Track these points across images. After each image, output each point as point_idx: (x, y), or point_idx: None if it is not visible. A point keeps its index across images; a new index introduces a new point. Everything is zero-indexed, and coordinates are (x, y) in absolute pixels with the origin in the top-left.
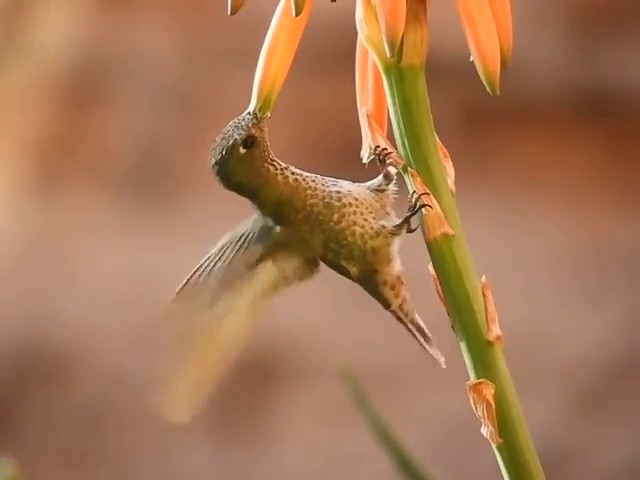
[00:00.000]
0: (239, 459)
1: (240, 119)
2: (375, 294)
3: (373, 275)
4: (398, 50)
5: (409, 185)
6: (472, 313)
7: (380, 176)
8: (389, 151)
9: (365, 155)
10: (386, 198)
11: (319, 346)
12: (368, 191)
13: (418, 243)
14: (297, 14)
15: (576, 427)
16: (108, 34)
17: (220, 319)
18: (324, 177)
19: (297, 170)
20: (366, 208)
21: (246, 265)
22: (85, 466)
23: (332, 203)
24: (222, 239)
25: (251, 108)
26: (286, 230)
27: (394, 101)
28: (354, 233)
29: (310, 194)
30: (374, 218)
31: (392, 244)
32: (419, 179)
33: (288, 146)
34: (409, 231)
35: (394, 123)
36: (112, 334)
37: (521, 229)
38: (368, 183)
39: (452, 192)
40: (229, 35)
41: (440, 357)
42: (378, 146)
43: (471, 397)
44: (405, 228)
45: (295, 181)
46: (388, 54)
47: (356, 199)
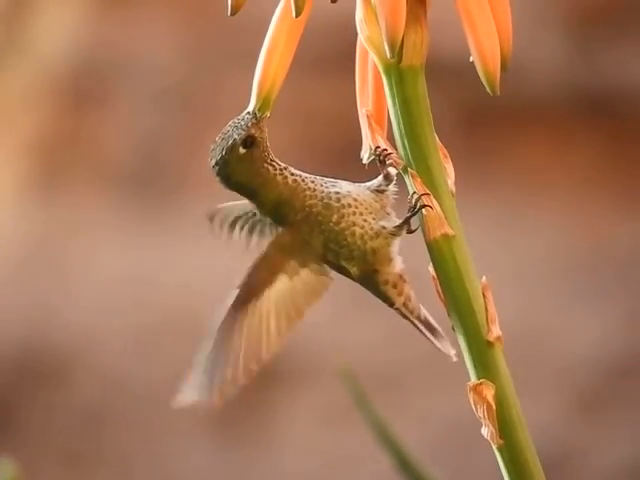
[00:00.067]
0: (239, 459)
1: (240, 119)
2: (378, 293)
3: (374, 275)
4: (398, 51)
5: (409, 186)
6: (472, 314)
7: (380, 177)
8: (389, 152)
9: (365, 155)
10: (386, 199)
11: (319, 346)
12: (368, 192)
13: (418, 244)
14: (297, 15)
15: (575, 427)
16: (108, 34)
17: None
18: (324, 178)
19: (296, 171)
20: (366, 209)
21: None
22: (85, 466)
23: (331, 204)
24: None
25: (251, 108)
26: (286, 230)
27: (394, 101)
28: (354, 234)
29: (309, 195)
30: (374, 219)
31: (392, 244)
32: (419, 180)
33: (288, 146)
34: (409, 232)
35: (394, 124)
36: (111, 336)
37: (520, 230)
38: (368, 184)
39: (452, 193)
40: (229, 35)
41: (451, 351)
42: (378, 146)
43: (471, 398)
44: (405, 229)
45: (294, 182)
46: (388, 55)
47: (355, 200)
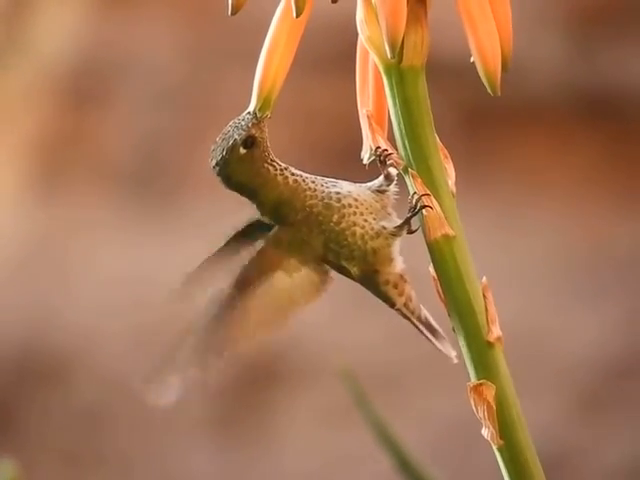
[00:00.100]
0: (239, 459)
1: (240, 119)
2: (378, 294)
3: (374, 275)
4: (399, 51)
5: (410, 186)
6: (473, 314)
7: (381, 177)
8: (390, 152)
9: (366, 156)
10: (387, 199)
11: (319, 346)
12: (369, 192)
13: (419, 244)
14: (298, 15)
15: (575, 427)
16: (109, 34)
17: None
18: (324, 178)
19: (297, 171)
20: (366, 209)
21: (257, 266)
22: (85, 466)
23: (332, 204)
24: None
25: (251, 108)
26: (286, 230)
27: (395, 102)
28: (354, 234)
29: (309, 195)
30: (374, 219)
31: (393, 245)
32: (420, 180)
33: (289, 147)
34: (410, 232)
35: (395, 124)
36: (111, 337)
37: (520, 230)
38: (369, 184)
39: (453, 193)
40: (229, 35)
41: (451, 352)
42: (379, 147)
43: (472, 398)
44: (406, 229)
45: (295, 182)
46: (389, 55)
47: (356, 200)
